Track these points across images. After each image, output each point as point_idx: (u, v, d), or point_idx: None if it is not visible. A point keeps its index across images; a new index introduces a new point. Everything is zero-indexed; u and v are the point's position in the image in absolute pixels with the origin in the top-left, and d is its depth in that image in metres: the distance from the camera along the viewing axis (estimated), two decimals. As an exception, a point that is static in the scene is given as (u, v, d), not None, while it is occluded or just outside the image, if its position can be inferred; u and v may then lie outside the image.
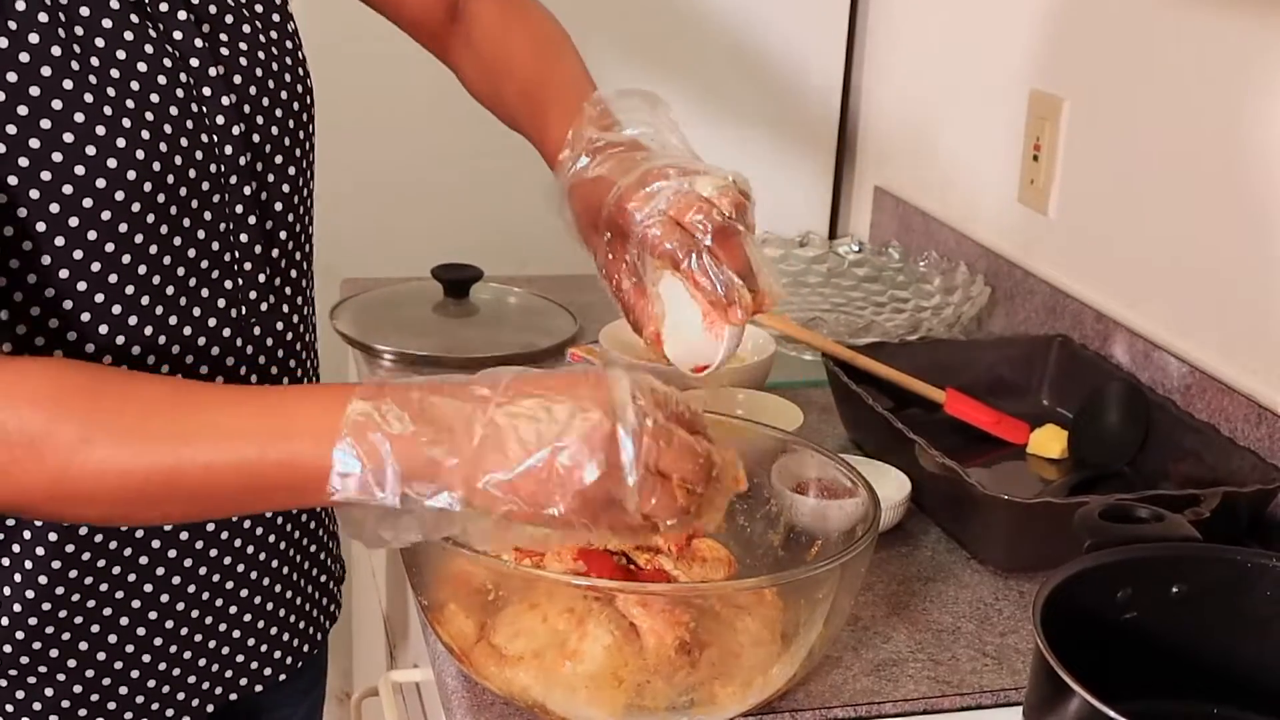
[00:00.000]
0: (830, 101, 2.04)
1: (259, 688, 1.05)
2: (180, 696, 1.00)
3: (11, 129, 0.82)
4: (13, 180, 0.83)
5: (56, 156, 0.84)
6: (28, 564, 0.91)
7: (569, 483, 0.76)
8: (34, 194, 0.84)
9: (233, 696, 1.04)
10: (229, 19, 0.96)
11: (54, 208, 0.84)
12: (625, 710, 0.89)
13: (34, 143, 0.83)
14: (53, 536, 0.91)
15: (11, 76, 0.82)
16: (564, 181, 1.02)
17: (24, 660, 0.93)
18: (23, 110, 0.83)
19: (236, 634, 1.02)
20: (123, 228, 0.87)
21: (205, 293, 0.93)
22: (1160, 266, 1.43)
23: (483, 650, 0.92)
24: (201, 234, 0.92)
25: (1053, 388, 1.48)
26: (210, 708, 1.02)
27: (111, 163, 0.85)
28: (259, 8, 0.99)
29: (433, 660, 1.03)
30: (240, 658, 1.03)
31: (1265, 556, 0.94)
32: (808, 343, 1.46)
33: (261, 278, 0.98)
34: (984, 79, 1.74)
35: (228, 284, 0.95)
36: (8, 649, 0.93)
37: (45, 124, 0.83)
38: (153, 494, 0.78)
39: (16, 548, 0.91)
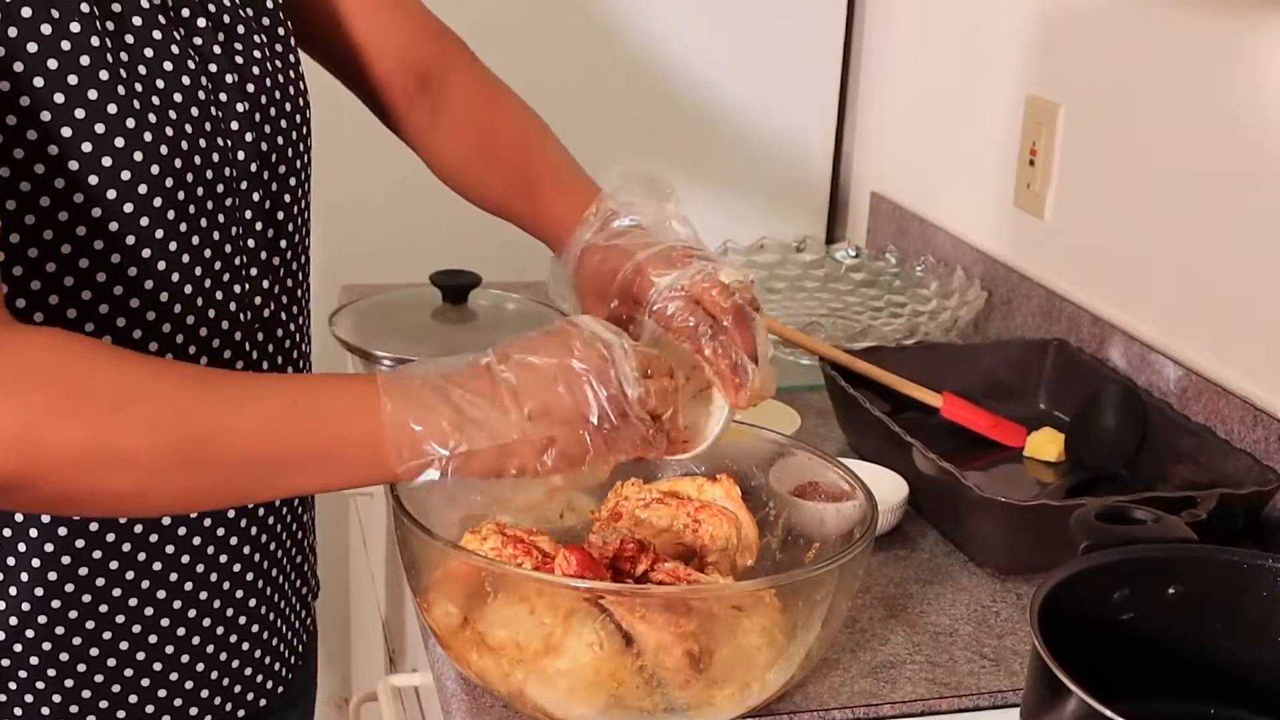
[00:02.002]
0: (827, 106, 2.05)
1: (263, 701, 1.05)
2: (193, 712, 1.00)
3: (46, 115, 0.83)
4: (39, 169, 0.83)
5: (86, 147, 0.84)
6: (35, 561, 0.91)
7: (583, 412, 0.83)
8: (59, 183, 0.84)
9: (240, 713, 1.04)
10: (240, 29, 0.97)
11: (78, 198, 0.85)
12: (625, 712, 0.89)
13: (66, 131, 0.83)
14: (62, 531, 0.91)
15: (52, 64, 0.83)
16: (575, 247, 1.04)
17: (33, 660, 0.93)
18: (59, 98, 0.83)
19: (241, 642, 1.02)
20: (144, 222, 0.87)
21: (219, 295, 0.94)
22: (1156, 270, 1.43)
23: (466, 637, 0.92)
24: (216, 235, 0.93)
25: (1049, 391, 1.49)
26: None
27: (137, 156, 0.86)
28: (265, 20, 1.00)
29: (432, 664, 1.03)
30: (248, 670, 1.03)
31: (1261, 557, 0.94)
32: (805, 347, 1.46)
33: (265, 283, 0.99)
34: (980, 84, 1.75)
35: (236, 288, 0.95)
36: (17, 648, 0.92)
37: (79, 113, 0.84)
38: (189, 455, 0.76)
39: (22, 546, 0.91)
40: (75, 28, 0.83)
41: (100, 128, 0.84)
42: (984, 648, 1.06)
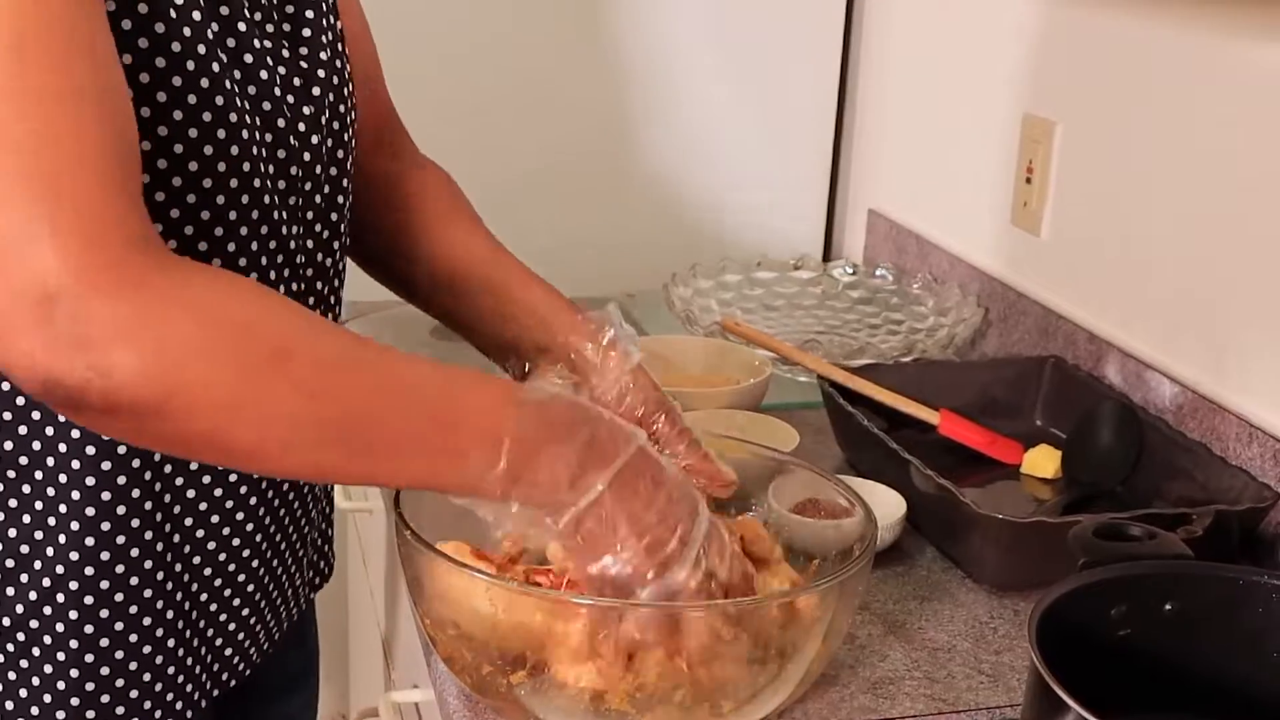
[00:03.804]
0: (824, 124, 2.06)
1: (256, 656, 1.05)
2: (189, 687, 0.99)
3: (162, 96, 0.84)
4: (145, 146, 0.84)
5: (193, 133, 0.85)
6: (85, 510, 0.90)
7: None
8: (161, 163, 0.85)
9: (234, 680, 1.03)
10: (308, 32, 0.99)
11: (176, 180, 0.85)
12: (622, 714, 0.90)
13: (178, 114, 0.84)
14: (106, 496, 0.90)
15: (176, 46, 0.84)
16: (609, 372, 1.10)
17: (56, 629, 0.92)
18: (177, 81, 0.84)
19: (238, 605, 1.00)
20: (232, 215, 0.89)
21: (281, 289, 0.95)
22: (1152, 287, 1.44)
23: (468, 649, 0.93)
24: (289, 229, 0.95)
25: (1046, 408, 1.50)
26: (216, 691, 1.02)
27: (234, 150, 0.87)
28: (327, 20, 1.01)
29: (434, 680, 1.04)
30: (241, 634, 1.02)
31: (1257, 574, 0.95)
32: (803, 365, 1.47)
33: (319, 284, 1.00)
34: (977, 102, 1.76)
35: (294, 285, 0.97)
36: (47, 611, 0.91)
37: (192, 99, 0.85)
38: (330, 433, 0.76)
39: (63, 508, 0.90)
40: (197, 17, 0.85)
41: (208, 115, 0.85)
42: (982, 664, 1.06)
